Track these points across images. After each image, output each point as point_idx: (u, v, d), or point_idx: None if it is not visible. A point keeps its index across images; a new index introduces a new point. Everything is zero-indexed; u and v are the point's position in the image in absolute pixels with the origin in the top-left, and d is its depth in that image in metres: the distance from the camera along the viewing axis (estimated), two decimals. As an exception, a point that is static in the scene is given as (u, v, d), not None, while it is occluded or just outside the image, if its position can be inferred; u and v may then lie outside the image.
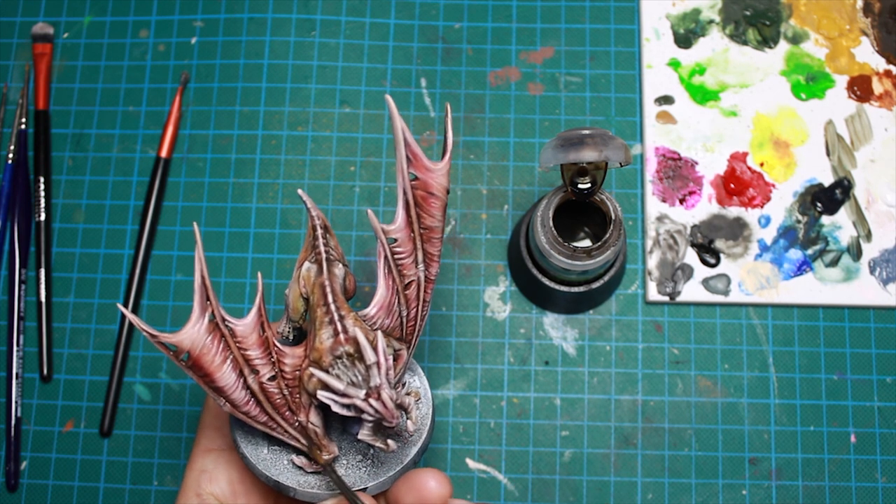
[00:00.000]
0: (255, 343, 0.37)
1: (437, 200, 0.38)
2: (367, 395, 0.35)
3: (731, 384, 0.51)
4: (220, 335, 0.36)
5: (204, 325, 0.35)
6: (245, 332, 0.36)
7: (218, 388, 0.36)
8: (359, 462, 0.39)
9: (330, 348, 0.36)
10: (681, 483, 0.50)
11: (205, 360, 0.36)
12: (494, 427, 0.51)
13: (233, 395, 0.36)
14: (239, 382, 0.36)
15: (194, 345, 0.35)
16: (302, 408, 0.37)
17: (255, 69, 0.56)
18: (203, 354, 0.36)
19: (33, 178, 0.54)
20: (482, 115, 0.55)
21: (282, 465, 0.38)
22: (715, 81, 0.55)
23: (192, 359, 0.35)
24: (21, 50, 0.57)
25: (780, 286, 0.52)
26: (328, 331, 0.37)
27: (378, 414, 0.35)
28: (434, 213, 0.38)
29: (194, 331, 0.35)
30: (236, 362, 0.36)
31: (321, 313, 0.37)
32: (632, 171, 0.54)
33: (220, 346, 0.36)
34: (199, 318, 0.35)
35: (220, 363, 0.36)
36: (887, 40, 0.56)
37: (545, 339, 0.52)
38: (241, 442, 0.39)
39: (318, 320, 0.37)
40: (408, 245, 0.38)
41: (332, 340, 0.36)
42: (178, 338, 0.35)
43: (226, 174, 0.55)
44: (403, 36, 0.57)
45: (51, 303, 0.53)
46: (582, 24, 0.56)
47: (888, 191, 0.53)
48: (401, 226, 0.37)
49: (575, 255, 0.45)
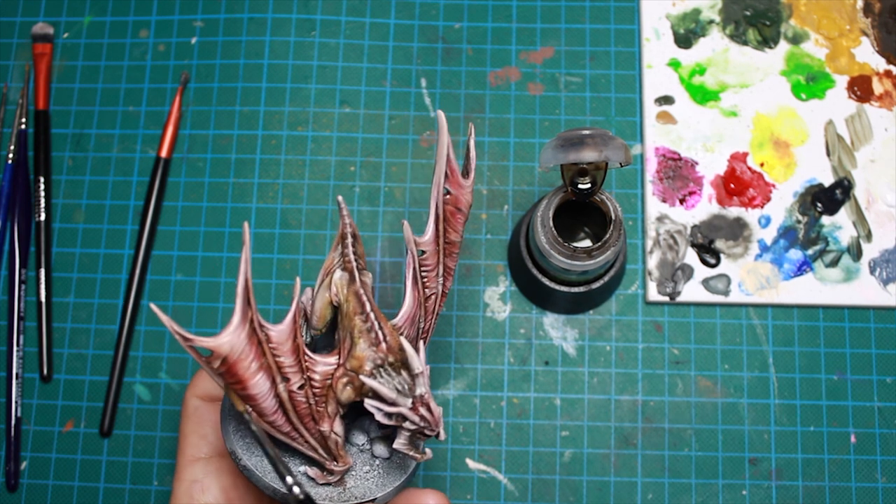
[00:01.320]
0: (289, 350, 0.35)
1: (463, 217, 0.39)
2: (413, 405, 0.35)
3: (731, 384, 0.51)
4: (257, 341, 0.34)
5: (245, 330, 0.33)
6: (280, 338, 0.35)
7: (249, 395, 0.34)
8: (366, 473, 0.39)
9: (371, 357, 0.36)
10: (681, 483, 0.50)
11: (240, 367, 0.34)
12: (494, 427, 0.51)
13: (263, 404, 0.35)
14: (271, 391, 0.35)
15: (233, 351, 0.33)
16: (326, 417, 0.37)
17: (255, 69, 0.56)
18: (240, 361, 0.34)
19: (33, 178, 0.54)
20: (482, 115, 0.55)
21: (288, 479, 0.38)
22: (715, 81, 0.55)
23: (226, 365, 0.33)
24: (21, 50, 0.57)
25: (780, 286, 0.52)
26: (368, 339, 0.36)
27: (424, 423, 0.35)
28: (458, 229, 0.39)
29: (235, 336, 0.33)
30: (269, 370, 0.35)
31: (359, 322, 0.36)
32: (632, 171, 0.54)
33: (256, 353, 0.34)
34: (241, 324, 0.33)
35: (255, 370, 0.34)
36: (887, 40, 0.56)
37: (545, 340, 0.52)
38: (243, 456, 0.38)
39: (357, 329, 0.36)
40: (433, 258, 0.38)
41: (374, 349, 0.36)
42: (216, 342, 0.33)
43: (226, 174, 0.55)
44: (403, 36, 0.57)
45: (51, 303, 0.53)
46: (582, 24, 0.56)
47: (888, 191, 0.53)
48: (430, 239, 0.38)
49: (575, 256, 0.45)
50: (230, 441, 0.38)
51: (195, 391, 0.41)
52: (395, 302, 0.52)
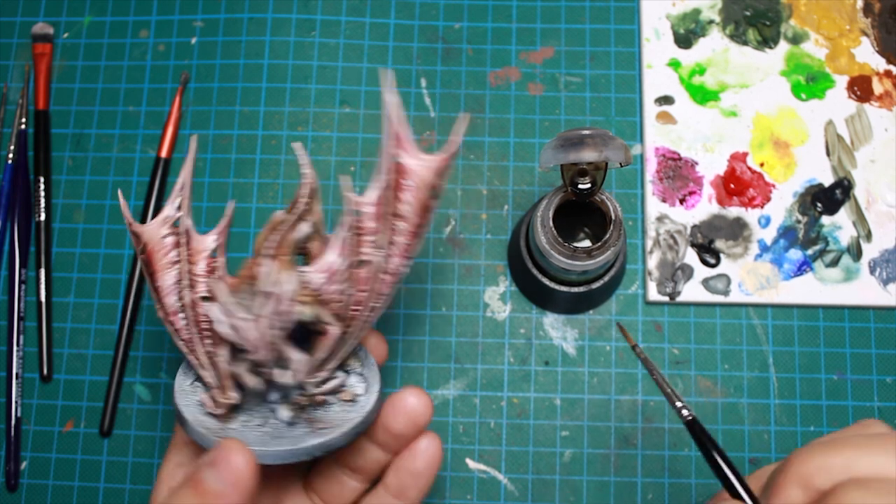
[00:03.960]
0: (205, 261, 0.39)
1: (413, 191, 0.37)
2: (241, 322, 0.36)
3: (731, 384, 0.51)
4: (177, 241, 0.38)
5: (168, 227, 0.38)
6: (199, 247, 0.39)
7: (157, 286, 0.38)
8: (255, 426, 0.38)
9: (242, 274, 0.38)
10: (681, 483, 0.50)
11: (155, 257, 0.38)
12: (494, 427, 0.51)
13: (166, 299, 0.38)
14: (175, 289, 0.38)
15: (151, 239, 0.38)
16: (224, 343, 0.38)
17: (255, 69, 0.56)
18: (155, 250, 0.38)
19: (33, 178, 0.54)
20: (482, 115, 0.55)
21: (192, 399, 0.39)
22: (715, 81, 0.55)
23: (146, 253, 0.38)
24: (21, 50, 0.57)
25: (780, 286, 0.52)
26: (248, 265, 0.38)
27: (246, 341, 0.36)
28: (406, 203, 0.37)
29: (156, 228, 0.38)
30: (181, 270, 0.38)
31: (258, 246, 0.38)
32: (632, 171, 0.54)
33: (172, 250, 0.38)
34: (166, 220, 0.39)
35: (166, 264, 0.38)
36: (887, 40, 0.56)
37: (545, 339, 0.52)
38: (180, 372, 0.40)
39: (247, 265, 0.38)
40: (373, 223, 0.37)
41: (247, 266, 0.38)
42: (141, 228, 0.38)
43: (226, 174, 0.55)
44: (403, 36, 0.57)
45: (51, 303, 0.53)
46: (582, 24, 0.56)
47: (888, 191, 0.53)
48: (370, 201, 0.37)
49: (575, 256, 0.45)
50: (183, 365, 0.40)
51: None
52: (393, 303, 0.52)
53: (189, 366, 0.40)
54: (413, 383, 0.51)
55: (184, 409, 0.38)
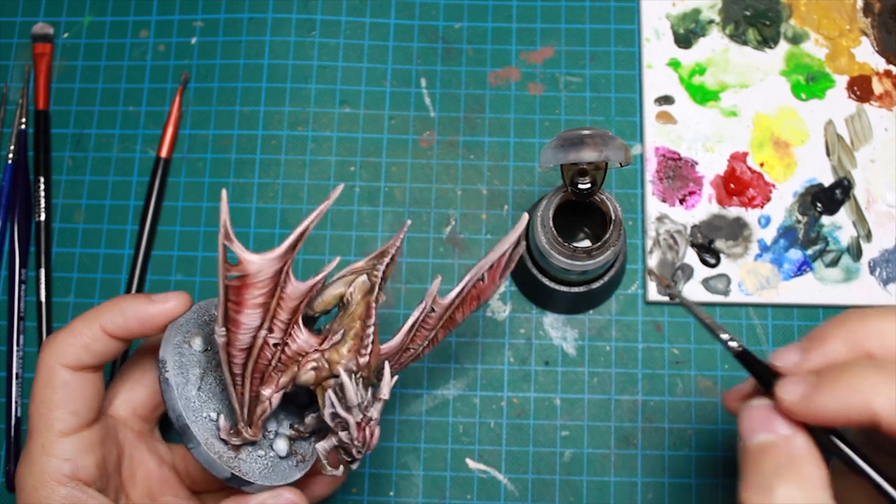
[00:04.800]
0: (291, 309, 0.36)
1: (476, 306, 0.41)
2: (361, 421, 0.36)
3: (731, 384, 0.51)
4: (277, 283, 0.35)
5: (277, 267, 0.35)
6: (293, 294, 0.36)
7: (236, 320, 0.35)
8: (258, 457, 0.39)
9: (350, 360, 0.37)
10: (681, 483, 0.50)
11: (249, 292, 0.35)
12: (494, 427, 0.51)
13: (240, 335, 0.36)
14: (254, 330, 0.36)
15: (256, 274, 0.34)
16: (273, 384, 0.38)
17: (255, 69, 0.56)
18: (253, 286, 0.35)
19: (33, 178, 0.54)
20: (482, 115, 0.55)
21: (200, 414, 0.38)
22: (715, 81, 0.55)
23: (241, 282, 0.34)
24: (21, 50, 0.57)
25: (780, 286, 0.52)
26: (357, 344, 0.38)
27: (359, 443, 0.36)
28: (466, 313, 0.41)
29: (268, 264, 0.34)
30: (266, 312, 0.36)
31: (359, 327, 0.38)
32: (632, 171, 0.54)
33: (269, 291, 0.35)
34: (280, 258, 0.35)
35: (257, 304, 0.35)
36: (887, 40, 0.56)
37: (545, 339, 0.52)
38: (172, 370, 0.38)
39: (353, 331, 0.38)
40: (434, 322, 0.40)
41: (357, 356, 0.37)
42: (249, 257, 0.34)
43: (226, 174, 0.55)
44: (403, 36, 0.57)
45: (51, 303, 0.53)
46: (582, 24, 0.56)
47: (888, 191, 0.53)
48: (445, 305, 0.40)
49: (575, 255, 0.45)
50: (166, 351, 0.38)
51: (63, 360, 0.38)
52: (393, 303, 0.52)
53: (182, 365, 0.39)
54: (413, 383, 0.51)
55: (193, 427, 0.37)
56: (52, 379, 0.38)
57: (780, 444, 0.32)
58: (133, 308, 0.39)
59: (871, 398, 0.30)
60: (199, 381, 0.39)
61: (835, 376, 0.31)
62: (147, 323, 0.39)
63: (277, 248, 0.34)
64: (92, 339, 0.38)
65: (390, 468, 0.50)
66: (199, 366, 0.39)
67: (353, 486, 0.50)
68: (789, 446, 0.32)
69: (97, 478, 0.38)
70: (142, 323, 0.39)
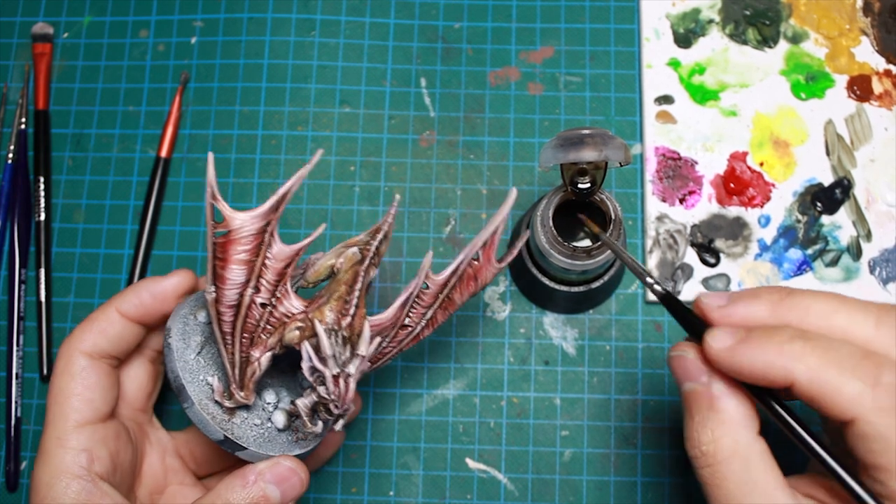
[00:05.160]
0: (277, 270, 0.38)
1: (475, 287, 0.41)
2: (337, 375, 0.37)
3: (731, 384, 0.51)
4: (261, 241, 0.37)
5: (260, 224, 0.37)
6: (279, 255, 0.38)
7: (222, 276, 0.37)
8: (254, 425, 0.40)
9: (333, 319, 0.38)
10: (681, 483, 0.50)
11: (234, 248, 0.37)
12: (494, 427, 0.51)
13: (227, 291, 0.37)
14: (240, 287, 0.37)
15: (240, 229, 0.37)
16: (262, 345, 0.39)
17: (255, 69, 0.56)
18: (238, 242, 0.37)
19: (33, 178, 0.54)
20: (482, 115, 0.55)
21: (198, 377, 0.39)
22: (715, 81, 0.55)
23: (226, 238, 0.36)
24: (21, 50, 0.57)
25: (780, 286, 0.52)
26: (340, 306, 0.38)
27: (335, 396, 0.37)
28: (464, 294, 0.41)
29: (250, 220, 0.37)
30: (252, 270, 0.37)
31: (344, 290, 0.39)
32: (632, 170, 0.54)
33: (253, 248, 0.37)
34: (262, 216, 0.37)
35: (241, 260, 0.37)
36: (887, 40, 0.56)
37: (545, 339, 0.52)
38: (175, 336, 0.40)
39: (338, 293, 0.39)
40: (430, 300, 0.40)
41: (339, 315, 0.38)
42: (233, 214, 0.36)
43: (226, 174, 0.55)
44: (403, 36, 0.57)
45: (51, 303, 0.53)
46: (582, 23, 0.56)
47: (888, 190, 0.53)
48: (440, 282, 0.40)
49: (575, 255, 0.45)
50: (173, 321, 0.40)
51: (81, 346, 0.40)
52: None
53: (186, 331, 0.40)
54: (413, 383, 0.51)
55: (188, 388, 0.39)
56: (70, 366, 0.40)
57: (703, 392, 0.34)
58: (146, 286, 0.41)
59: (792, 364, 0.32)
60: (200, 349, 0.40)
61: (765, 336, 0.33)
62: (159, 296, 0.41)
63: (260, 207, 0.37)
64: (107, 322, 0.40)
65: (390, 468, 0.50)
66: (201, 335, 0.41)
67: (353, 485, 0.50)
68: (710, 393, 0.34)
69: (111, 472, 0.39)
70: (154, 296, 0.41)
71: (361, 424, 0.51)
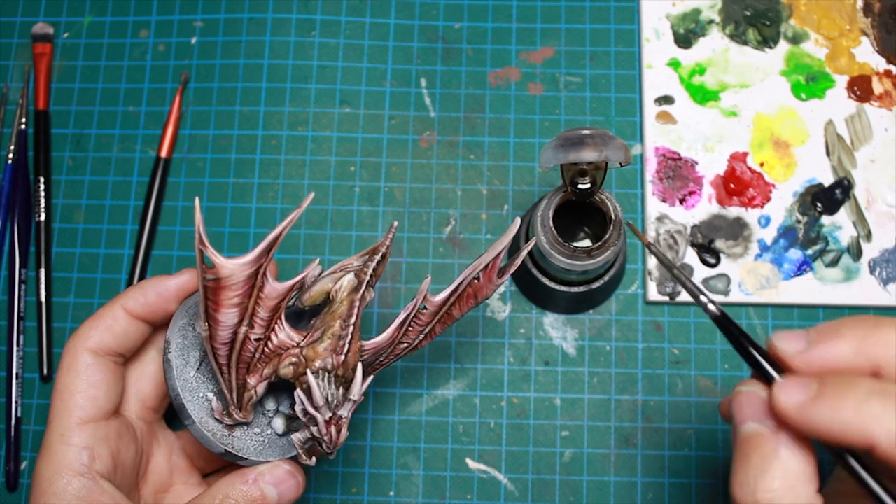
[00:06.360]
0: (270, 307, 0.38)
1: (474, 303, 0.41)
2: (329, 419, 0.38)
3: (731, 384, 0.51)
4: (252, 284, 0.37)
5: (251, 270, 0.36)
6: (271, 294, 0.38)
7: (214, 318, 0.37)
8: (255, 434, 0.41)
9: (326, 359, 0.38)
10: (681, 483, 0.50)
11: (225, 294, 0.37)
12: (494, 427, 0.51)
13: (220, 332, 0.37)
14: (234, 327, 0.38)
15: (230, 278, 0.36)
16: (258, 375, 0.39)
17: (255, 69, 0.56)
18: (229, 289, 0.36)
19: (33, 178, 0.54)
20: (482, 115, 0.55)
21: (197, 394, 0.40)
22: (715, 81, 0.55)
23: (216, 284, 0.36)
24: (21, 50, 0.57)
25: (780, 286, 0.52)
26: (334, 344, 0.39)
27: (326, 439, 0.38)
28: (463, 310, 0.41)
29: (240, 269, 0.36)
30: (244, 311, 0.37)
31: (339, 326, 0.39)
32: (632, 171, 0.54)
33: (244, 292, 0.37)
34: (252, 263, 0.36)
35: (233, 304, 0.37)
36: (887, 40, 0.56)
37: (545, 339, 0.52)
38: (174, 352, 0.40)
39: (332, 330, 0.39)
40: (428, 318, 0.41)
41: (333, 355, 0.38)
42: (222, 262, 0.36)
43: (226, 174, 0.55)
44: (403, 36, 0.57)
45: (51, 303, 0.53)
46: (582, 24, 0.56)
47: (888, 191, 0.53)
48: (438, 303, 0.40)
49: (575, 255, 0.45)
50: (172, 333, 0.40)
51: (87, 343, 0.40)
52: (393, 303, 0.52)
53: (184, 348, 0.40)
54: (413, 383, 0.51)
55: (189, 406, 0.39)
56: (74, 363, 0.40)
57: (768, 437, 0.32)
58: (152, 284, 0.41)
59: (871, 425, 0.29)
60: (199, 364, 0.40)
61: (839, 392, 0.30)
62: (164, 294, 0.41)
63: (250, 254, 0.36)
64: (113, 319, 0.40)
65: (390, 468, 0.50)
66: (199, 348, 0.41)
67: (353, 486, 0.50)
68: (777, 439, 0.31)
69: (112, 471, 0.39)
70: (159, 295, 0.41)
71: (361, 425, 0.51)
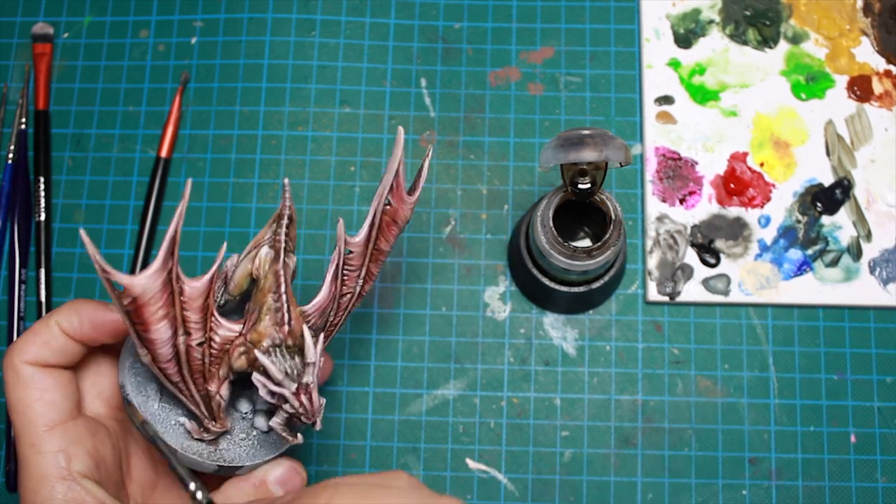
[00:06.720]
0: (198, 307, 0.37)
1: (397, 229, 0.41)
2: (297, 390, 0.36)
3: (731, 384, 0.51)
4: (170, 291, 0.35)
5: (162, 278, 0.35)
6: (193, 294, 0.36)
7: (149, 339, 0.36)
8: (241, 440, 0.40)
9: (272, 335, 0.37)
10: (681, 483, 0.50)
11: (148, 310, 0.35)
12: (494, 427, 0.51)
13: (160, 350, 0.36)
14: (171, 340, 0.36)
15: (144, 293, 0.34)
16: (216, 379, 0.38)
17: (255, 69, 0.56)
18: (149, 304, 0.35)
19: (33, 178, 0.54)
20: (482, 115, 0.55)
21: (169, 423, 0.39)
22: (715, 81, 0.55)
23: (135, 305, 0.35)
24: (21, 50, 0.57)
25: (780, 286, 0.52)
26: (273, 318, 0.38)
27: (302, 409, 0.37)
28: (390, 240, 0.41)
29: (150, 280, 0.34)
30: (174, 320, 0.36)
31: (271, 300, 0.38)
32: (632, 171, 0.54)
33: (165, 301, 0.35)
34: (159, 271, 0.35)
35: (160, 317, 0.35)
36: (887, 40, 0.56)
37: (545, 339, 0.52)
38: (131, 391, 0.38)
39: (266, 306, 0.38)
40: (359, 260, 0.40)
41: (276, 328, 0.37)
42: (130, 281, 0.34)
43: (226, 174, 0.55)
44: (403, 36, 0.57)
45: (51, 303, 0.53)
46: (582, 24, 0.56)
47: (888, 191, 0.53)
48: (361, 241, 0.40)
49: (575, 255, 0.45)
50: (123, 375, 0.39)
51: (25, 357, 0.38)
52: (394, 303, 0.52)
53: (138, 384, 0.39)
54: (413, 383, 0.51)
55: (165, 437, 0.38)
56: (18, 377, 0.38)
57: None
58: (87, 311, 0.39)
59: None
60: (159, 394, 0.39)
61: None
62: (101, 328, 0.39)
63: (154, 263, 0.35)
64: (50, 336, 0.38)
65: (390, 468, 0.50)
66: (154, 379, 0.39)
67: (353, 486, 0.50)
68: None
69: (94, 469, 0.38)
70: (95, 328, 0.39)
71: (361, 425, 0.51)
